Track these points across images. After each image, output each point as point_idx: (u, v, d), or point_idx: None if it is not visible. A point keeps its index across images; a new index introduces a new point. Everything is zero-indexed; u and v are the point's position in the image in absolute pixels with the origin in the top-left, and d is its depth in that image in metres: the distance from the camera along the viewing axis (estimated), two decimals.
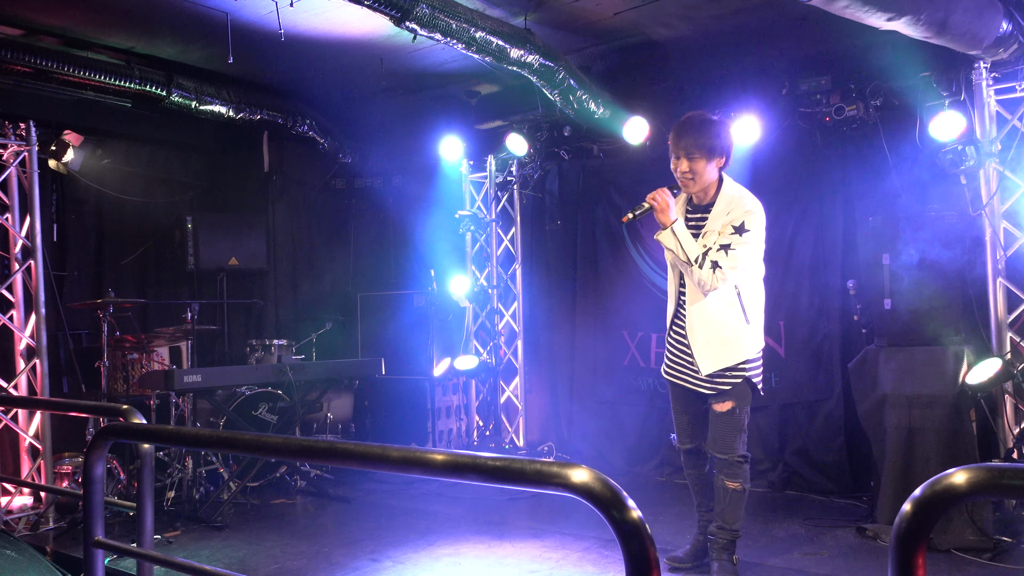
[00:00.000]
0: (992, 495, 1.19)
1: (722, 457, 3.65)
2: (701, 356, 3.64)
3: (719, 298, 3.61)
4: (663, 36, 5.65)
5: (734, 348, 3.62)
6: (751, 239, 3.54)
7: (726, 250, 3.51)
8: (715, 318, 3.62)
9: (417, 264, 7.35)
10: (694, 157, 3.56)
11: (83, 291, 6.57)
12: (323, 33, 5.53)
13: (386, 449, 1.72)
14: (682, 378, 3.78)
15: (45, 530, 4.99)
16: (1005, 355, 4.59)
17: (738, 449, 3.64)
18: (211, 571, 2.11)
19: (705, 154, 3.55)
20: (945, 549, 4.04)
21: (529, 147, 6.64)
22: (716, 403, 3.66)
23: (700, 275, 3.52)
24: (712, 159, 3.58)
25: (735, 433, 3.64)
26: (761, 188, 5.85)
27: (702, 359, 3.64)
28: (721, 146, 3.60)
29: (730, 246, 3.51)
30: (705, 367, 3.63)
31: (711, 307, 3.63)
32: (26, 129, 5.41)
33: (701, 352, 3.64)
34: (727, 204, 3.61)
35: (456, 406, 7.10)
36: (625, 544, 1.38)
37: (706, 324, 3.64)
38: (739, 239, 3.52)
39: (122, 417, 2.66)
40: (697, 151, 3.55)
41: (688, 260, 3.51)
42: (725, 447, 3.64)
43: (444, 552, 4.34)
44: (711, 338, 3.63)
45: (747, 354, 3.63)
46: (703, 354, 3.64)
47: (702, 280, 3.53)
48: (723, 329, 3.62)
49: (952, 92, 4.92)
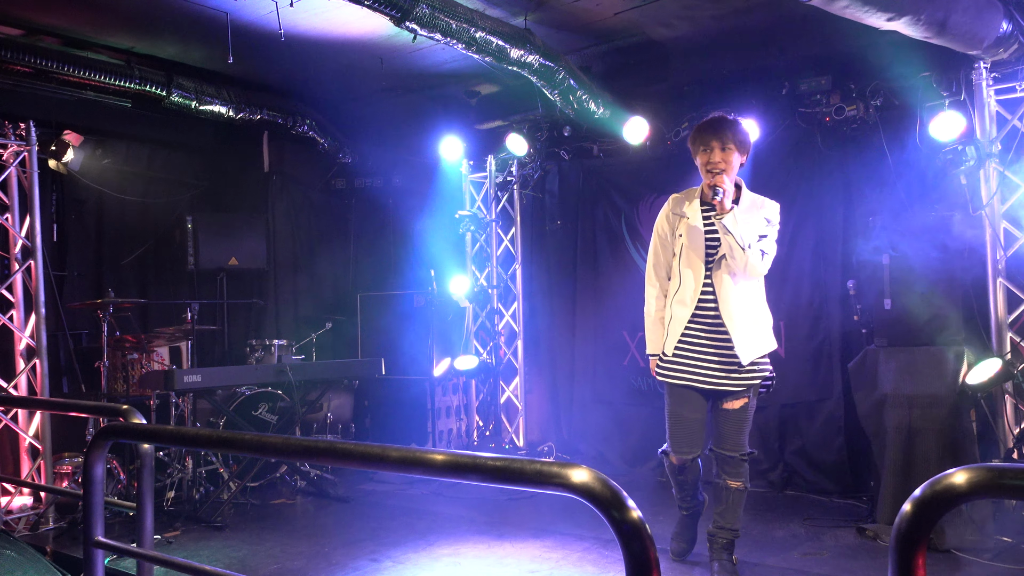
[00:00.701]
0: (992, 495, 1.19)
1: (731, 455, 3.66)
2: (742, 339, 3.58)
3: (750, 290, 3.66)
4: (663, 36, 5.65)
5: (767, 337, 3.69)
6: (774, 234, 3.67)
7: (766, 241, 3.61)
8: (753, 307, 3.66)
9: (417, 264, 7.35)
10: (728, 148, 3.61)
11: (83, 291, 6.56)
12: (323, 33, 5.53)
13: (386, 449, 1.72)
14: (707, 381, 3.65)
15: (45, 530, 4.99)
16: (1005, 355, 4.59)
17: (746, 446, 3.68)
18: (211, 571, 2.11)
19: (738, 147, 3.63)
20: (945, 549, 4.04)
21: (529, 147, 6.64)
22: (729, 401, 3.66)
23: (749, 259, 3.53)
24: (742, 154, 3.68)
25: (746, 429, 3.68)
26: (761, 188, 5.84)
27: (742, 344, 3.58)
28: (748, 144, 3.72)
29: (766, 236, 3.62)
30: (746, 354, 3.59)
31: (749, 297, 3.66)
32: (26, 129, 5.42)
33: (741, 335, 3.59)
34: (753, 201, 3.71)
35: (456, 406, 7.10)
36: (625, 544, 1.38)
37: (747, 313, 3.63)
38: (772, 229, 3.65)
39: (122, 417, 2.66)
40: (732, 142, 3.62)
41: (743, 245, 3.52)
42: (736, 444, 3.65)
43: (444, 552, 4.34)
44: (751, 320, 3.63)
45: (774, 343, 3.72)
46: (744, 341, 3.59)
47: (750, 264, 3.54)
48: (760, 318, 3.68)
49: (952, 92, 4.92)
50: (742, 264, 3.55)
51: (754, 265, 3.55)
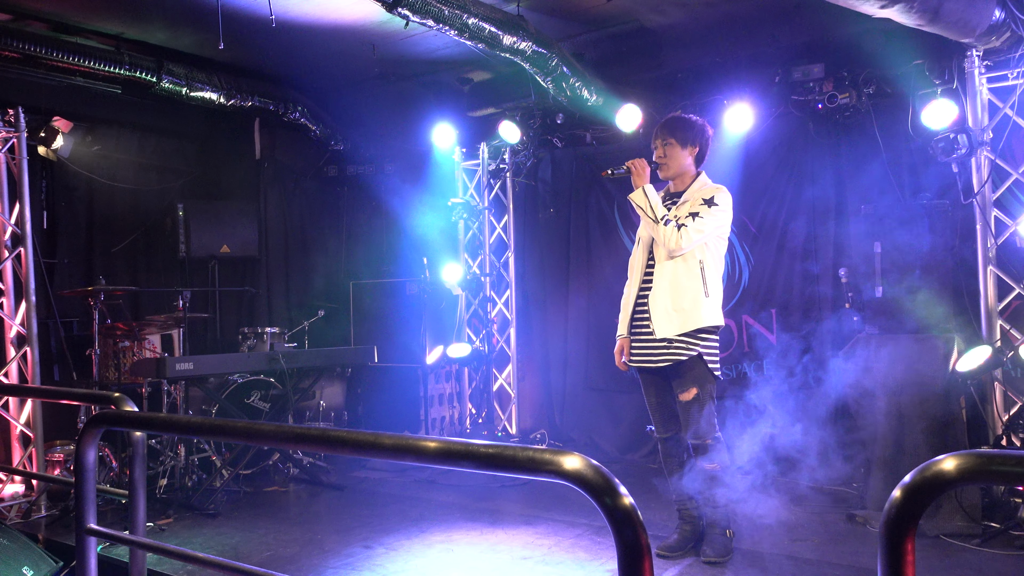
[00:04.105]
0: (981, 481, 1.20)
1: (696, 442, 3.80)
2: (659, 321, 3.77)
3: (684, 269, 3.77)
4: (656, 23, 5.63)
5: (691, 315, 3.76)
6: (718, 212, 3.74)
7: (694, 217, 3.71)
8: (678, 286, 3.77)
9: (410, 252, 7.33)
10: (668, 142, 3.86)
11: (74, 279, 6.53)
12: (314, 19, 5.49)
13: (379, 436, 1.72)
14: (645, 359, 3.88)
15: (37, 518, 4.98)
16: (995, 343, 4.61)
17: (709, 432, 3.78)
18: (204, 558, 2.11)
19: (678, 140, 3.84)
20: (934, 535, 4.08)
21: (522, 135, 6.63)
22: (680, 392, 3.80)
23: (664, 232, 3.69)
24: (685, 146, 3.85)
25: (703, 417, 3.78)
26: (754, 175, 5.92)
27: (659, 323, 3.77)
28: (693, 136, 3.86)
29: (698, 214, 3.71)
30: (661, 330, 3.75)
31: (675, 277, 3.78)
32: (15, 115, 5.37)
33: (659, 318, 3.77)
34: (700, 187, 3.86)
35: (449, 394, 7.11)
36: (617, 530, 1.38)
37: (668, 292, 3.78)
38: (707, 209, 3.72)
39: (114, 405, 2.65)
40: (671, 136, 3.85)
41: (655, 218, 3.71)
42: (697, 433, 3.78)
43: (437, 539, 4.36)
44: (670, 305, 3.77)
45: (704, 322, 3.75)
46: (660, 319, 3.77)
47: (666, 237, 3.69)
48: (683, 298, 3.76)
49: (944, 80, 4.93)
50: (660, 237, 3.72)
51: (668, 237, 3.69)
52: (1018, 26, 4.49)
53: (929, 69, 4.96)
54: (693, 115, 3.98)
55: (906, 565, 1.23)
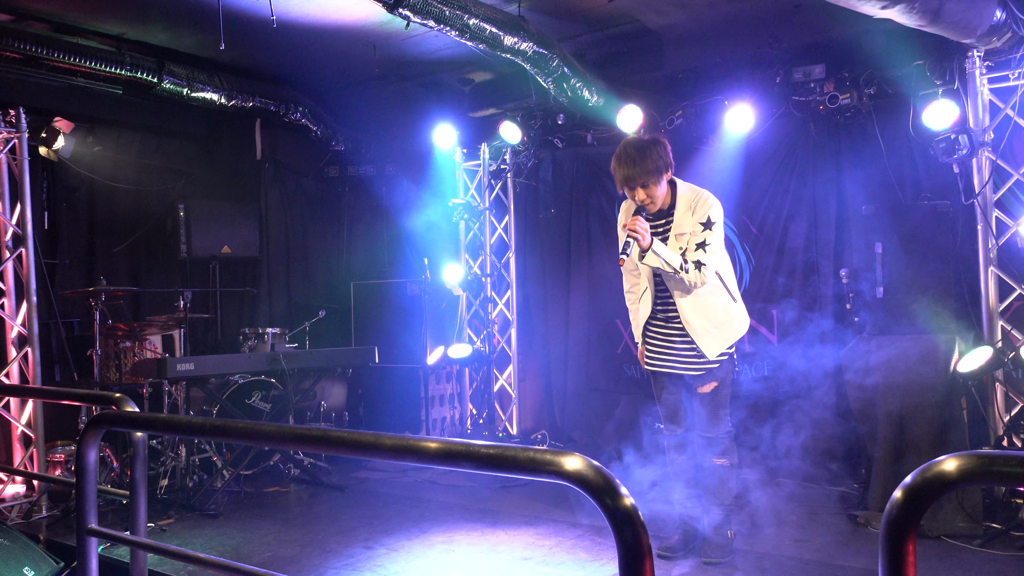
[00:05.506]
0: (982, 482, 1.20)
1: (709, 435, 3.80)
2: (704, 342, 3.77)
3: (705, 287, 3.76)
4: (657, 24, 5.63)
5: (730, 327, 3.81)
6: (717, 228, 3.73)
7: (703, 248, 3.67)
8: (706, 304, 3.78)
9: (411, 252, 7.34)
10: (648, 185, 3.67)
11: (75, 279, 6.53)
12: (316, 20, 5.49)
13: (379, 437, 1.72)
14: (669, 365, 3.89)
15: (38, 518, 4.98)
16: (996, 343, 4.61)
17: (723, 426, 3.81)
18: (205, 559, 2.11)
19: (654, 178, 3.66)
20: (935, 535, 4.07)
21: (523, 135, 6.63)
22: (701, 385, 3.81)
23: (689, 279, 3.67)
24: (662, 176, 3.69)
25: (721, 411, 3.81)
26: (755, 176, 5.91)
27: (706, 344, 3.77)
28: (663, 163, 3.69)
29: (705, 242, 3.68)
30: (711, 351, 3.77)
31: (700, 295, 3.77)
32: (16, 116, 5.37)
33: (703, 338, 3.77)
34: (688, 204, 3.75)
35: (449, 394, 7.10)
36: (618, 531, 1.38)
37: (699, 312, 3.78)
38: (710, 233, 3.69)
39: (115, 405, 2.65)
40: (650, 178, 3.66)
41: (675, 270, 3.65)
42: (712, 426, 3.79)
43: (438, 540, 4.36)
44: (708, 325, 3.77)
45: (741, 329, 3.85)
46: (705, 340, 3.77)
47: (692, 282, 3.68)
48: (715, 311, 3.79)
49: (945, 81, 4.92)
50: (686, 282, 3.69)
51: (694, 281, 3.68)
52: (1019, 27, 4.49)
53: (930, 70, 4.96)
54: (641, 139, 3.76)
55: (907, 566, 1.23)
